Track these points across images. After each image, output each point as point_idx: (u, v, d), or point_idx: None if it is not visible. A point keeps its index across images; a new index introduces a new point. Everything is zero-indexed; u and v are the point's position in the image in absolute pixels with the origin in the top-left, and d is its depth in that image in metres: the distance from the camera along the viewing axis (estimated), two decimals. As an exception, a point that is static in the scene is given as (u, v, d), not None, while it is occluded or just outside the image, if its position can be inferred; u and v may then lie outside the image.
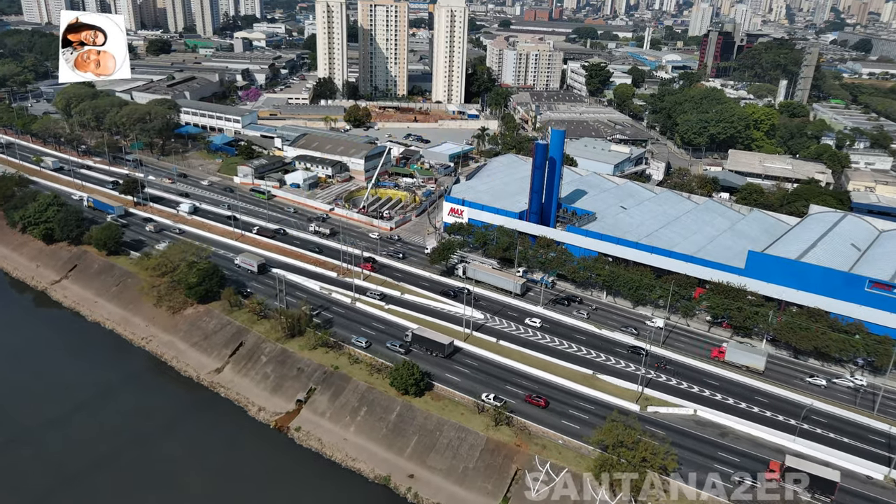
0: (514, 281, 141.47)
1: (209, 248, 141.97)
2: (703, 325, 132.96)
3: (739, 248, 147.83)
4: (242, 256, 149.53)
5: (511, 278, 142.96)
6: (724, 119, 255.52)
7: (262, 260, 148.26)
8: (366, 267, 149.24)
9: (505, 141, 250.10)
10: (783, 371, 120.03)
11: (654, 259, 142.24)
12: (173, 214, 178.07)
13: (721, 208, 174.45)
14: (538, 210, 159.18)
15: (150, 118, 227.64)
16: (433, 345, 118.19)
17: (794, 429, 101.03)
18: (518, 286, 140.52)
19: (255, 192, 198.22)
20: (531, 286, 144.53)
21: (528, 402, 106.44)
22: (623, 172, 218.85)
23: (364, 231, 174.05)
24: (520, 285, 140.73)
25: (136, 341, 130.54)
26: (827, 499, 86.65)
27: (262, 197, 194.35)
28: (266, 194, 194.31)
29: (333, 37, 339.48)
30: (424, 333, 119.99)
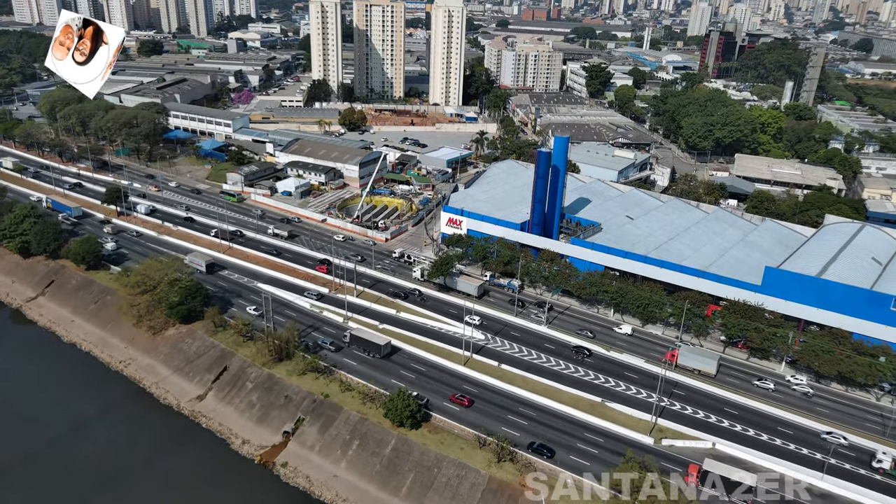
0: (472, 283, 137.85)
1: (191, 266, 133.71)
2: (717, 344, 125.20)
3: (753, 262, 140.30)
4: (191, 256, 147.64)
5: (469, 281, 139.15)
6: (729, 122, 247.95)
7: (211, 259, 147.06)
8: (321, 269, 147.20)
9: (504, 146, 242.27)
10: (734, 374, 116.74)
11: (664, 274, 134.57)
12: (158, 225, 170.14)
13: (731, 218, 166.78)
14: (541, 221, 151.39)
15: (137, 123, 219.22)
16: (370, 345, 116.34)
17: (822, 464, 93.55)
18: (475, 288, 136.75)
19: (225, 194, 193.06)
20: (490, 289, 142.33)
21: (453, 400, 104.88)
22: (627, 179, 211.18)
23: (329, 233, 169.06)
24: (476, 287, 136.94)
25: (113, 365, 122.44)
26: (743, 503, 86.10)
27: (232, 200, 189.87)
28: (236, 197, 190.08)
29: (328, 37, 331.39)
30: (362, 334, 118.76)
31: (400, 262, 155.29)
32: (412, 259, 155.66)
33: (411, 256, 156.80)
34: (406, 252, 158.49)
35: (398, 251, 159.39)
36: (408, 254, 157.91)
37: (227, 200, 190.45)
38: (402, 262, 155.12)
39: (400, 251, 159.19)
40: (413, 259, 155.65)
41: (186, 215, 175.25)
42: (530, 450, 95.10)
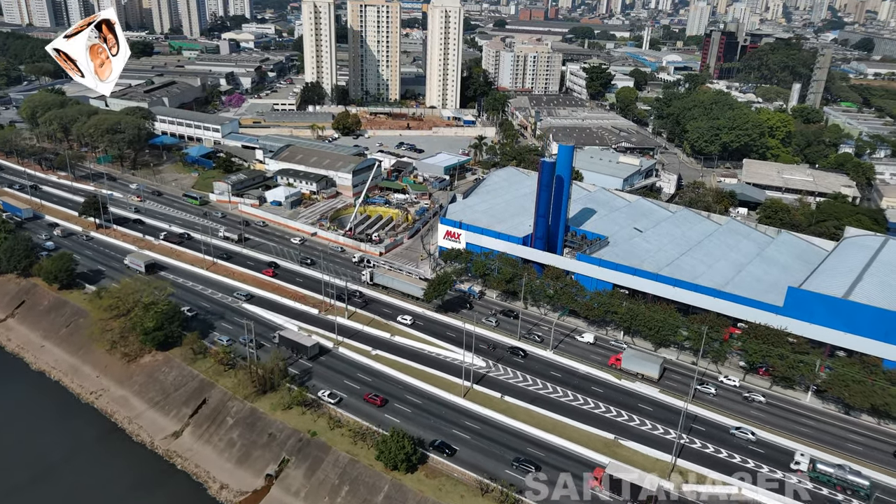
0: (419, 286, 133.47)
1: (169, 287, 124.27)
2: (737, 371, 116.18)
3: (772, 279, 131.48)
4: (131, 257, 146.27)
5: (417, 283, 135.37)
6: (737, 126, 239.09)
7: (151, 260, 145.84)
8: (267, 273, 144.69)
9: (504, 151, 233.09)
10: (675, 379, 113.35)
11: (678, 293, 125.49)
12: (139, 239, 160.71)
13: (745, 229, 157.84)
14: (544, 235, 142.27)
15: (121, 129, 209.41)
16: (298, 346, 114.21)
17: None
18: (419, 290, 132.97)
19: (187, 196, 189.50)
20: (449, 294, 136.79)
21: (367, 400, 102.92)
22: (633, 186, 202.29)
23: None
24: (423, 290, 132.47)
25: (84, 396, 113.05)
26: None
27: (195, 202, 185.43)
28: (199, 200, 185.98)
29: (321, 39, 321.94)
30: (290, 335, 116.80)
31: (359, 267, 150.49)
32: (372, 264, 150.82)
33: (370, 262, 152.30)
34: (366, 258, 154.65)
35: (358, 256, 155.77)
36: (367, 259, 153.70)
37: (189, 203, 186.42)
38: (362, 268, 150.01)
39: (360, 256, 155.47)
40: (372, 264, 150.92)
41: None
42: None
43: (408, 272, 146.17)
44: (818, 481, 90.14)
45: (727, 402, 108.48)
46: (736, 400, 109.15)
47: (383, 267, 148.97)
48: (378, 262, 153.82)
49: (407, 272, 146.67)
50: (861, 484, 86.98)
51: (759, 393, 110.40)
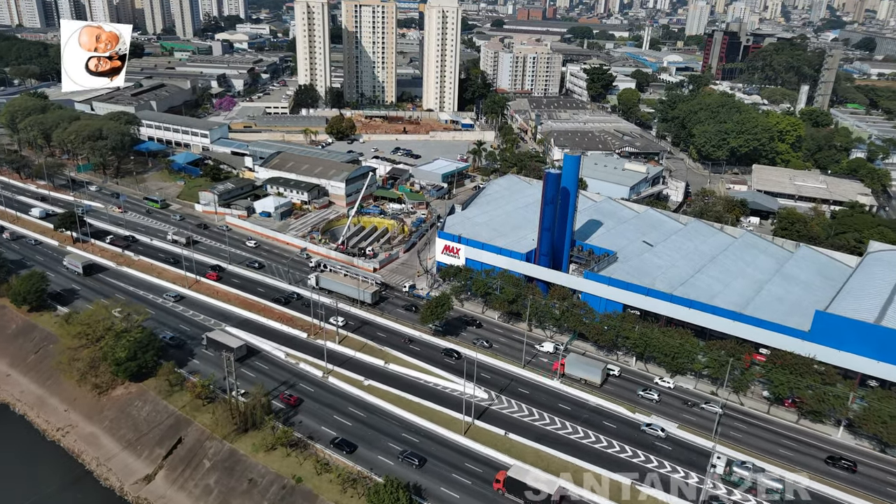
0: (363, 289, 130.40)
1: (145, 312, 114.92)
2: (760, 402, 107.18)
3: (794, 299, 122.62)
4: (69, 258, 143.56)
5: (364, 287, 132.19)
6: (745, 130, 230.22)
7: (88, 261, 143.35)
8: (211, 276, 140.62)
9: (504, 157, 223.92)
10: (618, 384, 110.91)
11: (694, 315, 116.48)
12: (118, 255, 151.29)
13: (762, 243, 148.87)
14: (549, 251, 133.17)
15: (103, 135, 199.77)
16: (225, 347, 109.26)
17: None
18: (367, 295, 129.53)
19: (147, 199, 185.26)
20: (386, 296, 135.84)
21: (282, 400, 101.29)
22: (639, 195, 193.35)
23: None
24: (370, 294, 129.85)
25: (50, 433, 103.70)
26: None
27: (155, 206, 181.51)
28: (159, 203, 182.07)
29: (315, 40, 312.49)
30: (217, 337, 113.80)
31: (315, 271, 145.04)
32: (327, 269, 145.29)
33: (327, 266, 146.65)
34: (323, 262, 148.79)
35: (315, 260, 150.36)
36: (324, 264, 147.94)
37: (149, 206, 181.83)
38: (320, 271, 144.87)
39: (317, 260, 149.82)
40: (329, 269, 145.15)
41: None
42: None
43: (363, 278, 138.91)
44: (733, 484, 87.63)
45: (668, 407, 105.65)
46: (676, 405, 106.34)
47: (336, 271, 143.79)
48: (333, 265, 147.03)
49: (355, 275, 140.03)
50: (776, 488, 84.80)
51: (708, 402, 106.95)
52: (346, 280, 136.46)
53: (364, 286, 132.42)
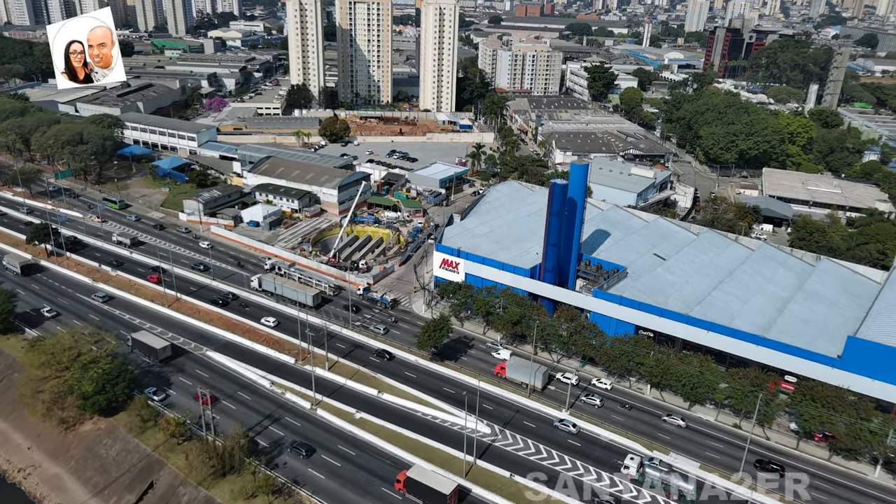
0: (306, 292, 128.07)
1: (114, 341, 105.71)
2: (787, 436, 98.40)
3: (819, 320, 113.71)
4: (7, 258, 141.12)
5: (304, 289, 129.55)
6: (755, 132, 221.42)
7: (27, 261, 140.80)
8: (152, 279, 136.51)
9: (504, 161, 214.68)
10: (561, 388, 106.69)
11: (714, 339, 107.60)
12: (94, 270, 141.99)
13: (780, 255, 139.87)
14: (555, 266, 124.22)
15: (83, 139, 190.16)
16: (148, 349, 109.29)
17: None
18: (310, 298, 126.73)
19: (107, 200, 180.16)
20: (330, 298, 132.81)
21: (196, 399, 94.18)
22: (647, 201, 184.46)
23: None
24: (311, 297, 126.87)
25: (10, 474, 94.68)
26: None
27: (114, 206, 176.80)
28: (118, 203, 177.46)
29: (308, 38, 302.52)
30: (141, 338, 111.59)
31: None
32: (282, 272, 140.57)
33: (280, 268, 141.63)
34: (278, 265, 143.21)
35: (270, 262, 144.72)
36: (278, 266, 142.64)
37: (108, 207, 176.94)
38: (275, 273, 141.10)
39: (272, 262, 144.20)
40: (283, 272, 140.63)
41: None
42: None
43: (317, 280, 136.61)
44: (646, 485, 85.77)
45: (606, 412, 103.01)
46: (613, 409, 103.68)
47: (289, 273, 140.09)
48: (283, 266, 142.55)
49: (309, 278, 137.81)
50: (686, 489, 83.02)
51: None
52: (288, 282, 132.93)
53: (307, 289, 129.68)
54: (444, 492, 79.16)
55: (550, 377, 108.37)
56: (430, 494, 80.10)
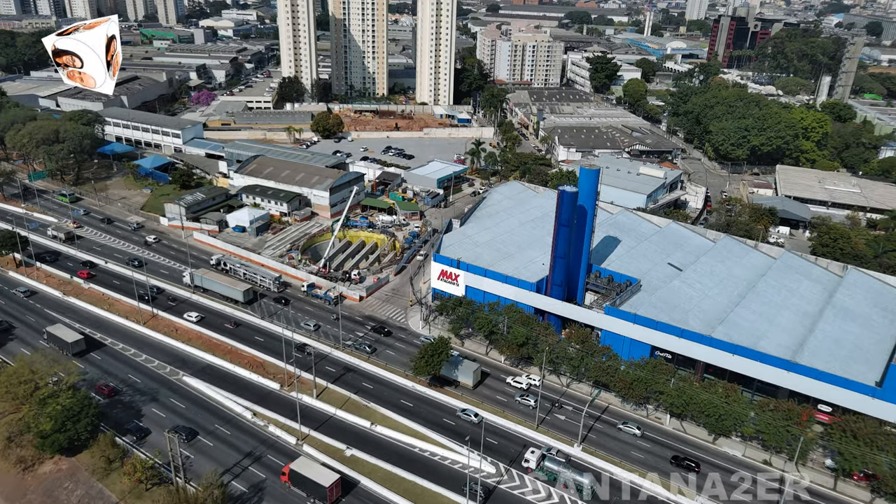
0: (237, 288, 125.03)
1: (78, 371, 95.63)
2: (823, 473, 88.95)
3: (852, 340, 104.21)
4: None
5: (235, 285, 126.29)
6: (768, 127, 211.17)
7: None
8: (82, 274, 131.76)
9: (505, 159, 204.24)
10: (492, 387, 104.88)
11: (739, 363, 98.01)
12: (66, 282, 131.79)
13: (804, 264, 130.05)
14: (563, 280, 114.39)
15: (60, 138, 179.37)
16: (61, 342, 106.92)
17: None
18: (239, 293, 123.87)
19: (61, 195, 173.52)
20: (264, 295, 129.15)
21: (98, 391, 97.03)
22: (656, 202, 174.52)
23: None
24: (241, 293, 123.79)
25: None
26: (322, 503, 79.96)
27: (64, 200, 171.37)
28: (69, 197, 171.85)
29: (299, 28, 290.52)
30: (55, 331, 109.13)
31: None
32: (227, 267, 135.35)
33: (226, 263, 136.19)
34: (224, 260, 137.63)
35: (215, 258, 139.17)
36: (224, 261, 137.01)
37: (60, 201, 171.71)
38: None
39: (217, 258, 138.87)
40: (229, 267, 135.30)
41: None
42: None
43: (262, 276, 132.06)
44: (546, 479, 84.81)
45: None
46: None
47: (235, 268, 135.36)
48: (230, 261, 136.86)
49: (254, 273, 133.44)
50: (581, 482, 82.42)
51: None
52: (219, 277, 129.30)
53: (238, 285, 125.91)
54: (324, 484, 79.01)
55: (484, 374, 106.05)
56: (311, 486, 79.92)
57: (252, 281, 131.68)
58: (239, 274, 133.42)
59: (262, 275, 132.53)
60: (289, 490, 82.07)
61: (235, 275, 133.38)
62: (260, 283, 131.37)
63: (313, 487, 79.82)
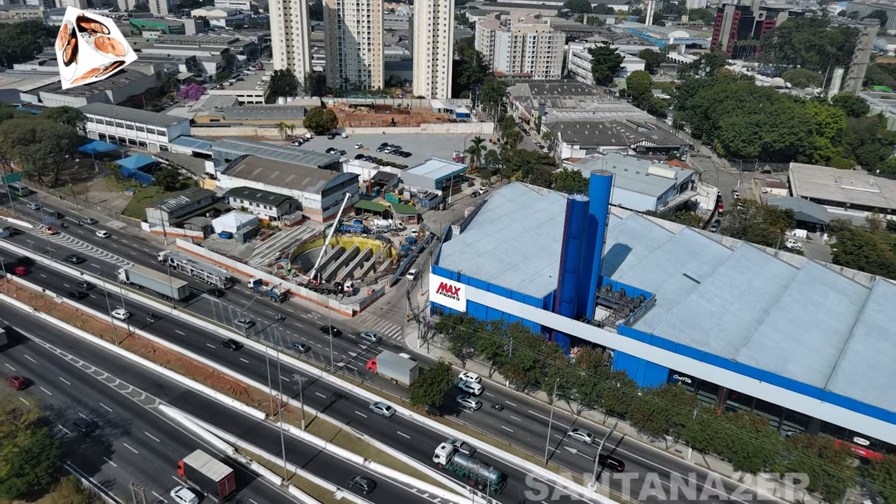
0: (171, 285, 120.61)
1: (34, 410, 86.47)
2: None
3: (888, 363, 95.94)
4: None
5: (170, 282, 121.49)
6: (781, 122, 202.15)
7: None
8: (18, 271, 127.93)
9: (507, 157, 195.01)
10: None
11: (767, 391, 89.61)
12: (38, 295, 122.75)
13: (829, 275, 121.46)
14: (573, 297, 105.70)
15: (36, 137, 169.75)
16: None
17: None
18: (174, 291, 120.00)
19: (11, 187, 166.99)
20: (197, 293, 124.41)
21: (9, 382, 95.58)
22: (667, 205, 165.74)
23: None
24: (176, 290, 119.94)
25: None
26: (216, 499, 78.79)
27: (18, 193, 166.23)
28: (20, 191, 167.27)
29: (291, 18, 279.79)
30: None
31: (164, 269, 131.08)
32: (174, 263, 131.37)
33: (174, 259, 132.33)
34: (171, 256, 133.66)
35: (163, 254, 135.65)
36: (171, 257, 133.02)
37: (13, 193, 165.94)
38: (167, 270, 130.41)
39: (164, 254, 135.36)
40: (176, 263, 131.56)
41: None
42: None
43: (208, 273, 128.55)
44: (455, 474, 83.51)
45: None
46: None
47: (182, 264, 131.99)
48: (177, 258, 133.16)
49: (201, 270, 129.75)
50: (489, 478, 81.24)
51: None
52: (155, 274, 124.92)
53: (173, 282, 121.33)
54: (214, 479, 77.99)
55: (420, 372, 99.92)
56: (204, 481, 79.08)
57: (200, 278, 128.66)
58: (187, 270, 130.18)
59: (209, 271, 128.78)
60: (186, 483, 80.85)
61: (183, 271, 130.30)
62: (207, 280, 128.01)
63: (206, 482, 79.05)
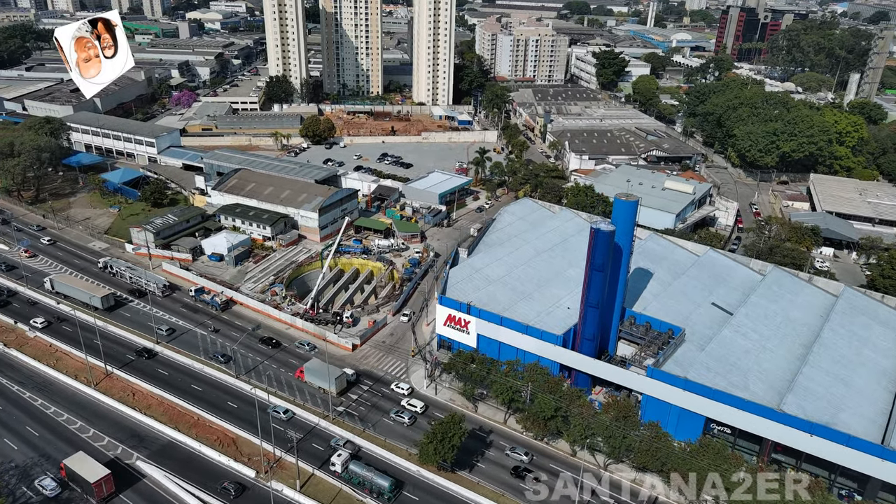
0: (94, 294, 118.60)
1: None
2: None
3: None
4: None
5: (93, 291, 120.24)
6: (800, 131, 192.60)
7: None
8: None
9: (514, 169, 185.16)
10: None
11: (818, 445, 79.95)
12: (9, 329, 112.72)
13: (869, 304, 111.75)
14: (596, 334, 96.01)
15: (15, 151, 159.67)
16: None
17: None
18: (99, 300, 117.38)
19: None
20: (125, 302, 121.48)
21: None
22: (685, 221, 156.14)
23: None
24: (100, 299, 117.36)
25: None
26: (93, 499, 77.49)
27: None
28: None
29: (287, 22, 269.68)
30: None
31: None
32: (113, 271, 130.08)
33: (112, 267, 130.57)
34: (110, 263, 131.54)
35: (102, 261, 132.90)
36: (110, 264, 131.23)
37: None
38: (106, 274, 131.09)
39: (104, 261, 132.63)
40: (114, 271, 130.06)
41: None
42: None
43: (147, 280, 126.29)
44: (351, 483, 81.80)
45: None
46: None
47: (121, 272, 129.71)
48: (116, 265, 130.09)
49: (139, 276, 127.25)
50: (382, 486, 79.74)
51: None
52: (78, 283, 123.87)
53: (96, 291, 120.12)
54: (90, 480, 77.41)
55: (349, 383, 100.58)
56: (81, 482, 78.74)
57: (138, 285, 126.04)
58: (126, 278, 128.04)
59: (147, 279, 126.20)
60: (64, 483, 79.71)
61: (123, 278, 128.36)
62: (145, 288, 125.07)
63: (83, 483, 78.36)
